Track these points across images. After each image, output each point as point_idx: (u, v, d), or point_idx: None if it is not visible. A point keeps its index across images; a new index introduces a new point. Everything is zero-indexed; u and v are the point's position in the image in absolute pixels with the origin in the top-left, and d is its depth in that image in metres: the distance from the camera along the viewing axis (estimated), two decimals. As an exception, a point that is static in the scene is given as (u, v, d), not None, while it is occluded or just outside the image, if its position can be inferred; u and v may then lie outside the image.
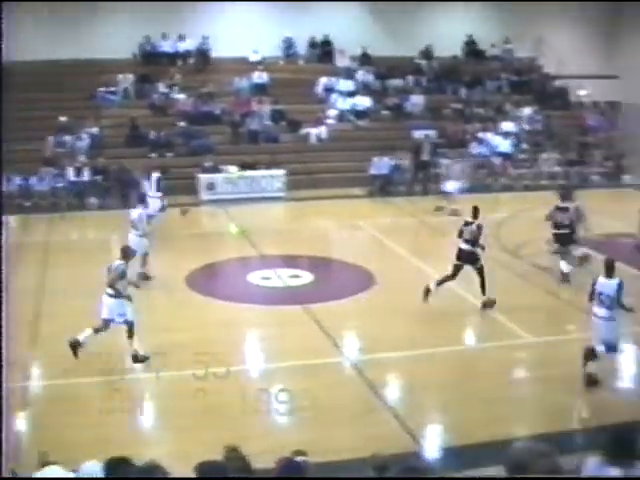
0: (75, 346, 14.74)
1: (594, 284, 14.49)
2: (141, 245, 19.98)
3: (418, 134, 33.76)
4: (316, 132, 33.82)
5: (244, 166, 31.15)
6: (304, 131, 34.02)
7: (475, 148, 34.19)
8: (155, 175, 24.35)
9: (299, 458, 7.66)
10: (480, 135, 34.88)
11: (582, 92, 39.29)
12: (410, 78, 37.68)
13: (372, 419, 13.22)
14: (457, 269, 18.81)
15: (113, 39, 34.08)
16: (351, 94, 35.91)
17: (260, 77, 35.52)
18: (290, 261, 22.35)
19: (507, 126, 35.57)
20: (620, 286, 14.05)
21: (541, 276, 21.26)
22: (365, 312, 18.43)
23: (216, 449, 7.36)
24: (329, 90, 36.13)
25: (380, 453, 8.09)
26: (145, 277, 20.36)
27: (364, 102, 35.47)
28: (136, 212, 20.56)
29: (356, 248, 23.70)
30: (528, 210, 26.41)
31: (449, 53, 38.62)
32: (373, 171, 31.36)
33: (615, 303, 14.11)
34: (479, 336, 17.91)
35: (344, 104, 35.41)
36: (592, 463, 7.00)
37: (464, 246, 18.90)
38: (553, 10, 39.22)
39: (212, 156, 30.87)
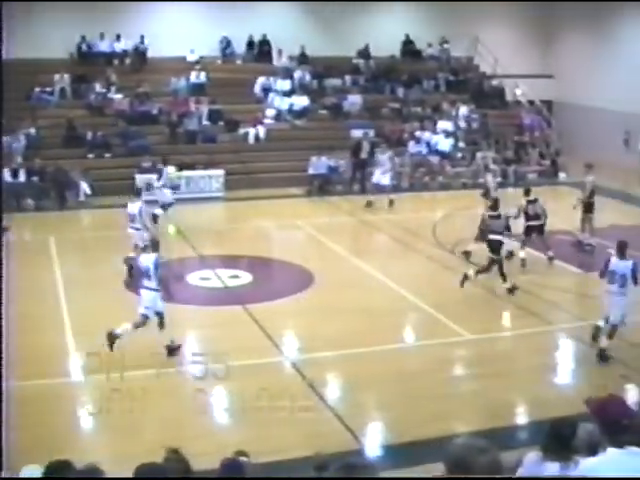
0: (112, 339, 15.10)
1: (607, 263, 15.79)
2: (141, 238, 19.96)
3: (356, 133, 33.87)
4: (254, 132, 33.76)
5: (182, 166, 30.98)
6: (242, 131, 33.92)
7: (413, 147, 34.37)
8: (165, 168, 25.91)
9: (240, 458, 7.66)
10: (418, 134, 35.08)
11: (518, 91, 39.70)
12: (348, 78, 37.76)
13: (312, 418, 13.24)
14: (492, 261, 19.90)
15: (49, 39, 33.71)
16: (289, 94, 35.88)
17: (198, 77, 35.37)
18: (229, 261, 22.31)
19: (444, 125, 35.81)
20: (635, 265, 15.54)
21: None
22: (304, 311, 18.47)
23: (157, 451, 7.34)
24: (267, 90, 36.07)
25: (321, 452, 8.12)
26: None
27: (302, 102, 35.46)
28: (136, 206, 20.81)
29: (295, 248, 23.74)
30: (465, 208, 26.63)
31: (387, 53, 38.75)
32: (311, 171, 31.39)
33: (627, 281, 15.46)
34: (418, 334, 18.01)
35: (282, 104, 35.38)
36: (531, 458, 7.09)
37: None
38: (489, 10, 39.62)
39: (149, 156, 30.66)
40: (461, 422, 13.46)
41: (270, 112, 35.05)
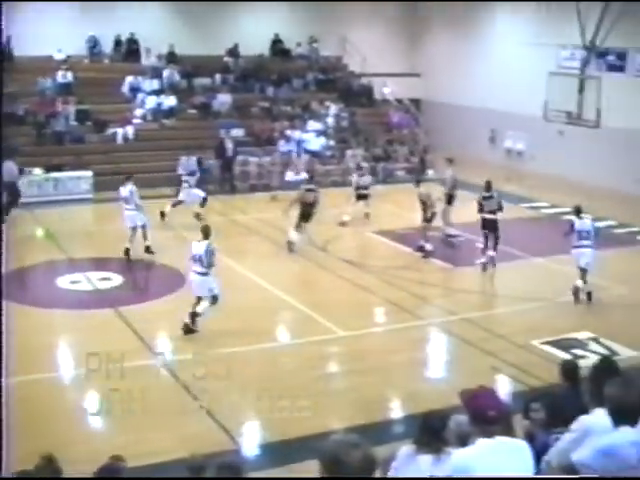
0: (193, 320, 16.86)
1: (572, 226, 19.53)
2: (138, 219, 22.43)
3: (223, 133, 33.80)
4: (123, 132, 33.34)
5: (49, 168, 30.39)
6: (111, 131, 33.45)
7: (283, 146, 34.43)
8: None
9: (116, 463, 7.60)
10: (288, 133, 35.17)
11: (386, 90, 40.17)
12: (217, 77, 37.58)
13: (188, 419, 13.21)
14: (486, 237, 21.98)
15: None
16: (157, 93, 35.55)
17: (65, 77, 34.67)
18: (99, 264, 21.99)
19: (314, 125, 36.00)
20: (591, 224, 19.54)
21: (349, 270, 21.65)
22: (177, 312, 18.30)
23: (33, 458, 7.22)
24: (135, 89, 35.63)
25: (197, 453, 8.10)
26: (149, 250, 22.61)
27: (170, 101, 35.18)
28: (126, 189, 22.64)
29: (166, 248, 23.52)
30: (336, 206, 26.81)
31: (256, 52, 38.73)
32: (181, 171, 31.09)
33: (592, 235, 19.45)
34: (291, 332, 18.11)
35: (150, 103, 35.04)
36: (404, 451, 7.20)
37: (488, 216, 21.88)
38: (357, 10, 40.00)
39: (17, 158, 29.98)
40: (336, 418, 13.59)
41: (139, 112, 34.66)
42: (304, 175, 28.65)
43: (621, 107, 31.13)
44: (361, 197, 27.45)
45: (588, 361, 13.25)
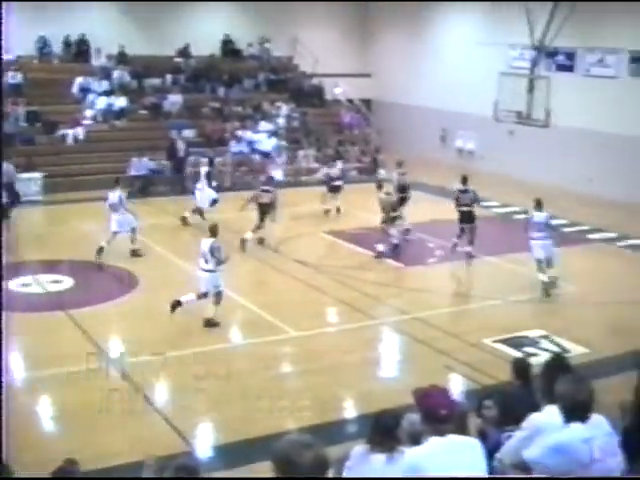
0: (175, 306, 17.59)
1: (530, 219, 20.35)
2: (126, 222, 22.47)
3: (174, 133, 33.67)
4: (73, 133, 33.10)
5: (-1, 169, 30.11)
6: (61, 132, 33.19)
7: (234, 146, 34.39)
8: (204, 169, 26.85)
9: (70, 467, 7.55)
10: (239, 133, 35.12)
11: (337, 90, 40.25)
12: (168, 77, 37.42)
13: (141, 422, 13.15)
14: (463, 230, 22.87)
15: None
16: (108, 94, 35.32)
17: (14, 77, 34.33)
18: (50, 266, 21.77)
19: (265, 125, 35.97)
20: (548, 217, 20.34)
21: (302, 270, 21.66)
22: (129, 314, 18.25)
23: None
24: (85, 90, 35.36)
25: (151, 455, 8.07)
26: (136, 254, 22.65)
27: (121, 102, 34.97)
28: (115, 195, 22.51)
29: (117, 250, 23.37)
30: (288, 206, 26.79)
31: (207, 52, 38.64)
32: (133, 172, 30.99)
33: (548, 229, 20.20)
34: (244, 333, 18.08)
35: (101, 104, 34.80)
36: (357, 451, 7.22)
37: (465, 209, 22.83)
38: (308, 11, 40.04)
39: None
40: (290, 419, 13.57)
41: (89, 113, 34.42)
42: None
43: (570, 107, 31.45)
44: (333, 189, 27.64)
45: (540, 359, 13.37)
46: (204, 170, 26.84)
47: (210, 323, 17.46)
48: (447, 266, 22.63)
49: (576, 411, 6.21)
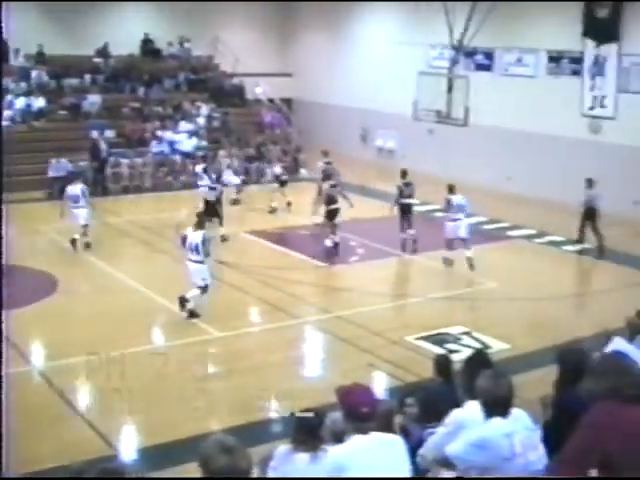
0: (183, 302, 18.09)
1: (449, 202, 21.94)
2: (88, 216, 23.21)
3: (96, 134, 33.33)
4: (-10, 134, 32.60)
5: None
6: (-23, 133, 32.69)
7: (155, 147, 34.16)
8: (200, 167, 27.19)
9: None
10: (159, 133, 34.90)
11: (258, 90, 40.19)
12: (87, 77, 37.00)
13: (64, 426, 13.02)
14: (403, 219, 23.86)
15: None
16: (26, 94, 34.81)
17: None
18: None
19: (186, 125, 35.78)
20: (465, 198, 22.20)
21: (225, 271, 21.61)
22: (50, 317, 18.04)
23: None
24: (3, 90, 34.84)
25: (75, 460, 8.00)
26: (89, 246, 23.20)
27: (39, 102, 34.51)
28: (77, 188, 23.33)
29: (37, 253, 23.10)
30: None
31: (126, 51, 38.31)
32: (52, 173, 30.59)
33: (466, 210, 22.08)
34: (167, 335, 17.94)
35: (19, 104, 34.29)
36: (281, 450, 7.24)
37: (407, 201, 23.84)
38: (228, 10, 39.89)
39: None
40: (215, 420, 13.57)
41: (7, 113, 33.86)
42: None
43: (489, 106, 31.79)
44: (283, 184, 27.95)
45: (461, 355, 13.51)
46: (200, 168, 27.06)
47: (193, 314, 18.05)
48: (369, 265, 22.75)
49: (496, 406, 6.29)
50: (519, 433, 6.25)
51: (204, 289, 18.15)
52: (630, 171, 27.77)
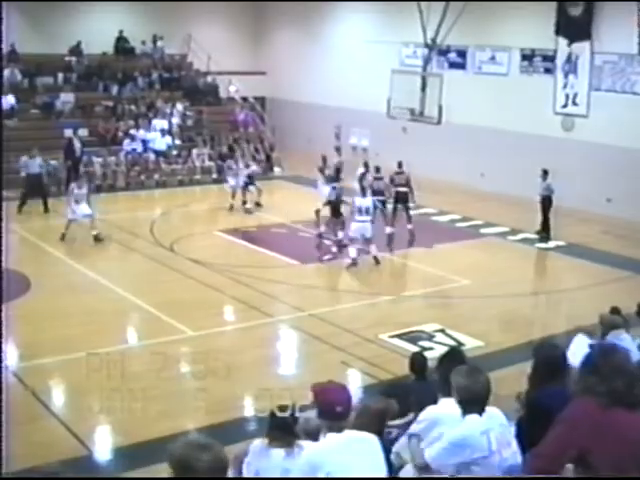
0: None
1: (353, 204, 22.35)
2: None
3: (69, 132, 33.15)
4: (-38, 133, 32.38)
5: None
6: (-52, 132, 32.46)
7: (128, 145, 34.02)
8: None
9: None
10: (133, 132, 34.76)
11: (232, 88, 40.12)
12: (60, 75, 36.84)
13: (37, 427, 12.94)
14: (396, 211, 24.74)
15: None
16: (-3, 92, 34.63)
17: None
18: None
19: (159, 123, 35.65)
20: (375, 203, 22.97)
21: (197, 269, 21.54)
22: (23, 317, 17.86)
23: None
24: (-28, 90, 34.66)
25: (50, 462, 7.94)
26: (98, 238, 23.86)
27: (11, 101, 34.29)
28: (84, 188, 24.11)
29: (9, 252, 22.94)
30: (182, 205, 26.68)
31: (99, 50, 38.13)
32: (24, 172, 30.37)
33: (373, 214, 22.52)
34: (140, 334, 17.87)
35: (-10, 103, 34.09)
36: (256, 445, 7.26)
37: (401, 189, 24.75)
38: (201, 8, 39.76)
39: None
40: (188, 419, 13.52)
41: (-22, 113, 33.71)
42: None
43: (462, 104, 31.88)
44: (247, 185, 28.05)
45: (435, 353, 13.53)
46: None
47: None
48: (343, 263, 22.74)
49: (473, 403, 6.31)
50: (494, 430, 6.29)
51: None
52: (602, 168, 27.95)
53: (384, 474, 6.28)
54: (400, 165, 25.54)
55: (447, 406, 6.66)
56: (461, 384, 6.38)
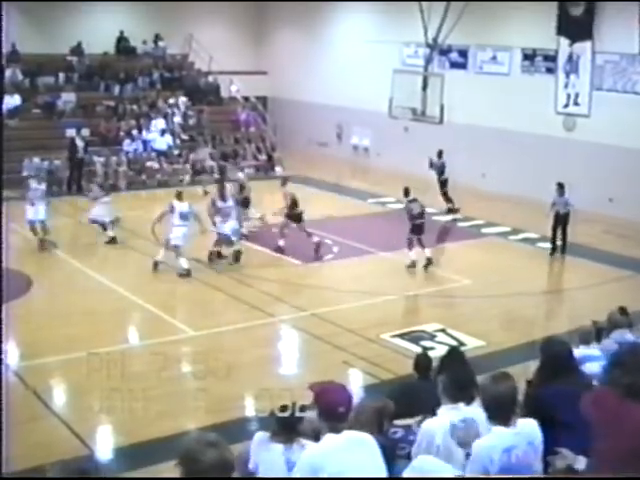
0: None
1: (172, 207, 21.68)
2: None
3: (71, 132, 33.14)
4: (-37, 133, 32.38)
5: None
6: (-50, 132, 32.46)
7: (129, 145, 34.02)
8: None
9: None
10: (134, 132, 34.76)
11: (233, 88, 40.11)
12: (61, 75, 36.83)
13: (38, 426, 12.94)
14: (419, 241, 22.06)
15: None
16: None
17: None
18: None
19: (161, 123, 35.64)
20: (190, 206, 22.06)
21: (199, 269, 21.54)
22: (24, 317, 17.87)
23: None
24: (-26, 89, 34.65)
25: (51, 462, 7.93)
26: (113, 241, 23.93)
27: (13, 101, 34.29)
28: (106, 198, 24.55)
29: (11, 252, 22.95)
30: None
31: (100, 50, 38.12)
32: (26, 172, 30.41)
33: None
34: (141, 333, 17.89)
35: (-8, 103, 34.11)
36: (259, 436, 7.47)
37: (419, 221, 22.02)
38: (202, 8, 39.74)
39: None
40: (189, 419, 13.52)
41: (-20, 112, 33.70)
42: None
43: (464, 103, 31.88)
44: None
45: (436, 352, 13.52)
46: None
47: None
48: (344, 263, 22.73)
49: (496, 409, 6.19)
50: (518, 448, 6.09)
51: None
52: (604, 168, 27.91)
53: (384, 474, 6.26)
54: (407, 191, 23.31)
55: (441, 418, 6.64)
56: (484, 388, 6.30)
